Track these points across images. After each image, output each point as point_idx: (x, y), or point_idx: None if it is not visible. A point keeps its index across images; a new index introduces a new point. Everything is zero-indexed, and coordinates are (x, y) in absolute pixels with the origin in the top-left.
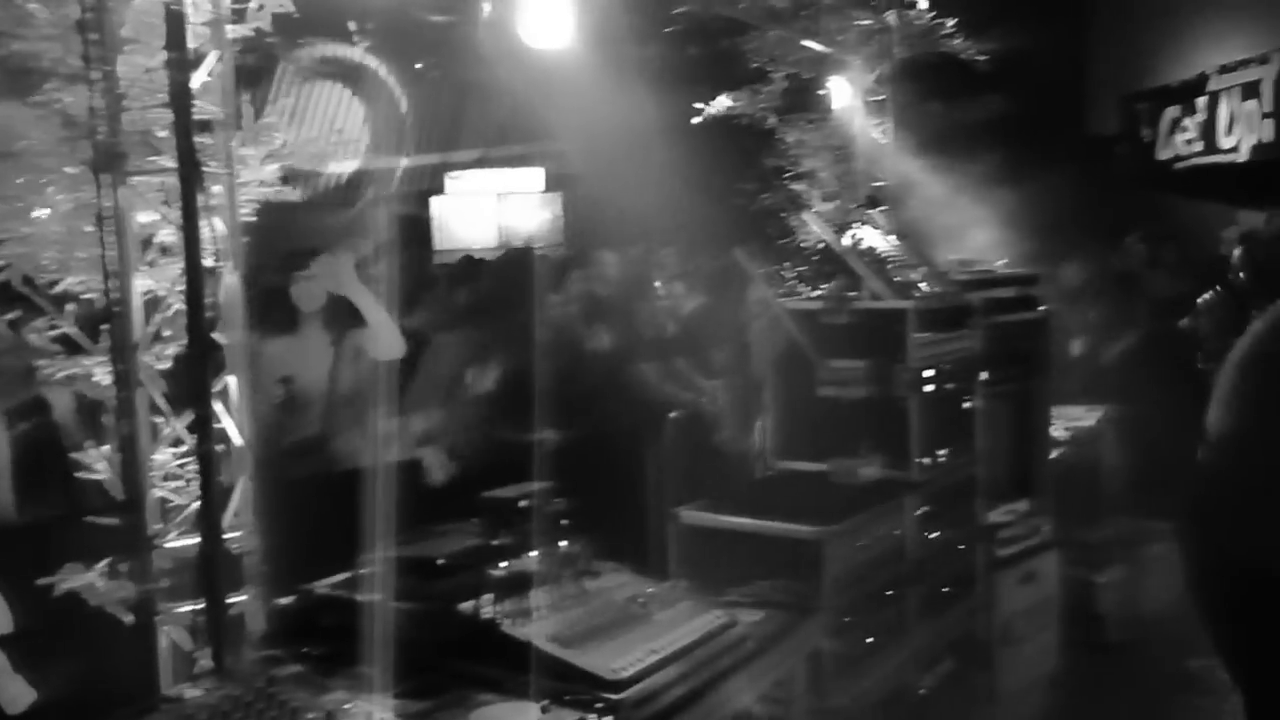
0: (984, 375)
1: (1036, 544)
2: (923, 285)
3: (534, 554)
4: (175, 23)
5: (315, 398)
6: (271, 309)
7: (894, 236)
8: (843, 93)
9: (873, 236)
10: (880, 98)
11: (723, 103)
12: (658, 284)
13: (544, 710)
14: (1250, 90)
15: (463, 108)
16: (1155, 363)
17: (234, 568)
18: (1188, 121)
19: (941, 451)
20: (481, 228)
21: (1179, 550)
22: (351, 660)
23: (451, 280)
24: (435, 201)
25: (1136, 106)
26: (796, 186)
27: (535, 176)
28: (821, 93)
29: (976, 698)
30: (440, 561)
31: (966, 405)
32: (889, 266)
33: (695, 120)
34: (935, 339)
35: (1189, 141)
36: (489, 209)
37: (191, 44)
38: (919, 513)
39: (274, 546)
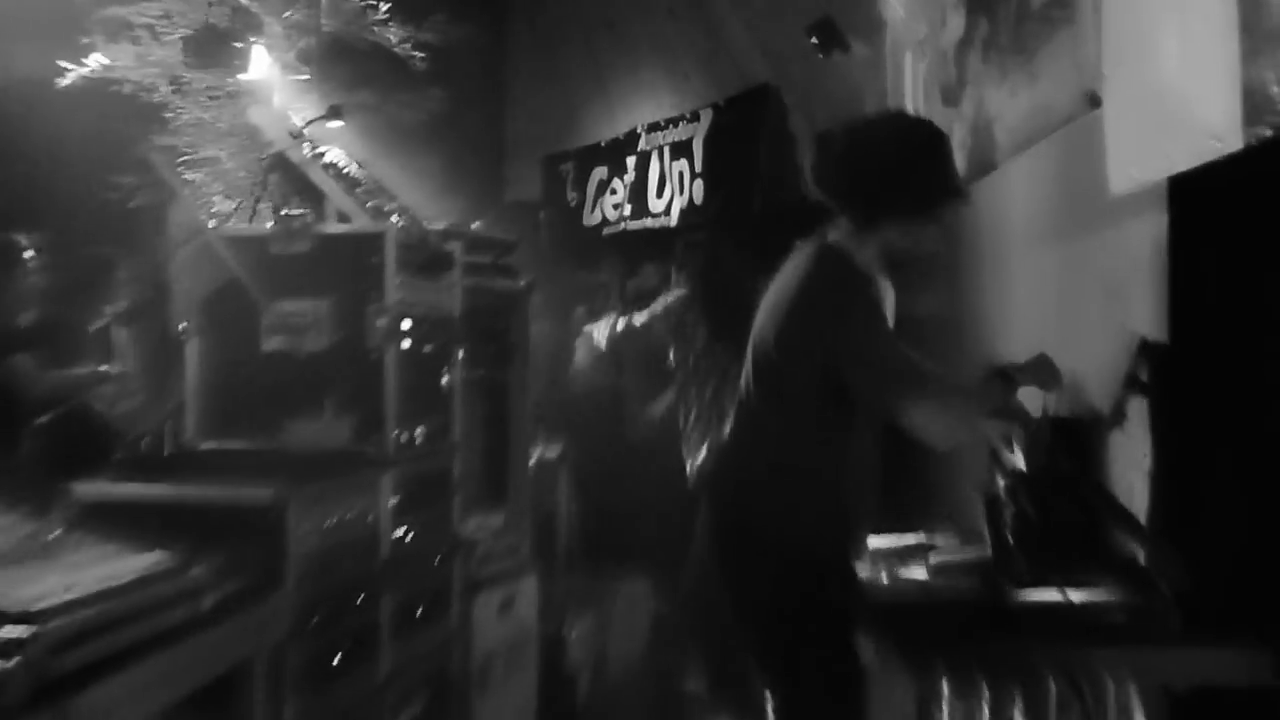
0: (461, 352)
1: (513, 566)
2: (396, 219)
3: None
4: None
5: None
6: None
7: (358, 165)
8: (260, 64)
9: (337, 154)
10: (303, 77)
11: (99, 61)
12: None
13: None
14: (681, 149)
15: None
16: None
17: None
18: (617, 183)
19: (419, 429)
20: None
21: (707, 529)
22: None
23: None
24: None
25: (560, 168)
26: (191, 176)
27: None
28: (236, 50)
29: None
30: None
31: (444, 380)
32: (359, 190)
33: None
34: (415, 284)
35: (617, 205)
36: None
37: None
38: (392, 502)
39: None
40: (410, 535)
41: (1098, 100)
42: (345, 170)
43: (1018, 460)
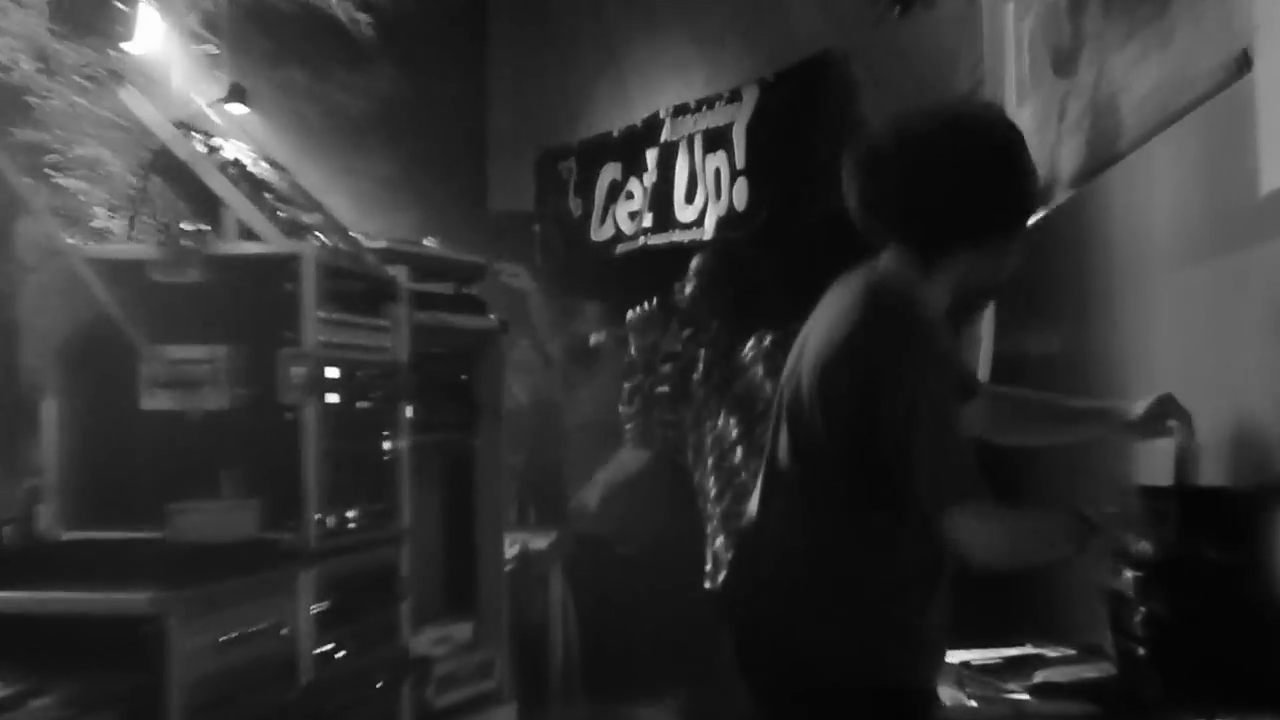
0: (410, 410)
1: (485, 693)
2: (320, 236)
3: None
4: None
5: None
6: None
7: (268, 164)
8: (152, 33)
9: (240, 149)
10: (212, 50)
11: None
12: None
13: None
14: (718, 139)
15: None
16: None
17: None
18: (634, 185)
19: (351, 512)
20: None
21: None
22: None
23: None
24: None
25: (559, 166)
26: (69, 184)
27: None
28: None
29: None
30: None
31: (387, 449)
32: (268, 196)
33: None
34: (344, 321)
35: (635, 214)
36: None
37: None
38: (317, 609)
39: None
40: (341, 652)
41: (1250, 62)
42: (251, 171)
43: (1148, 546)
